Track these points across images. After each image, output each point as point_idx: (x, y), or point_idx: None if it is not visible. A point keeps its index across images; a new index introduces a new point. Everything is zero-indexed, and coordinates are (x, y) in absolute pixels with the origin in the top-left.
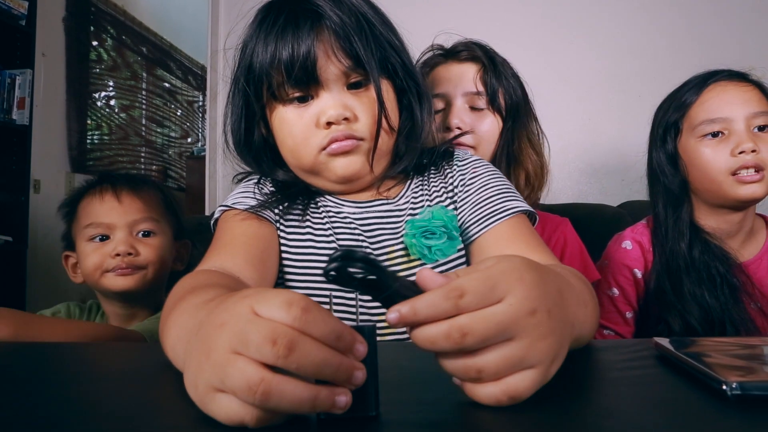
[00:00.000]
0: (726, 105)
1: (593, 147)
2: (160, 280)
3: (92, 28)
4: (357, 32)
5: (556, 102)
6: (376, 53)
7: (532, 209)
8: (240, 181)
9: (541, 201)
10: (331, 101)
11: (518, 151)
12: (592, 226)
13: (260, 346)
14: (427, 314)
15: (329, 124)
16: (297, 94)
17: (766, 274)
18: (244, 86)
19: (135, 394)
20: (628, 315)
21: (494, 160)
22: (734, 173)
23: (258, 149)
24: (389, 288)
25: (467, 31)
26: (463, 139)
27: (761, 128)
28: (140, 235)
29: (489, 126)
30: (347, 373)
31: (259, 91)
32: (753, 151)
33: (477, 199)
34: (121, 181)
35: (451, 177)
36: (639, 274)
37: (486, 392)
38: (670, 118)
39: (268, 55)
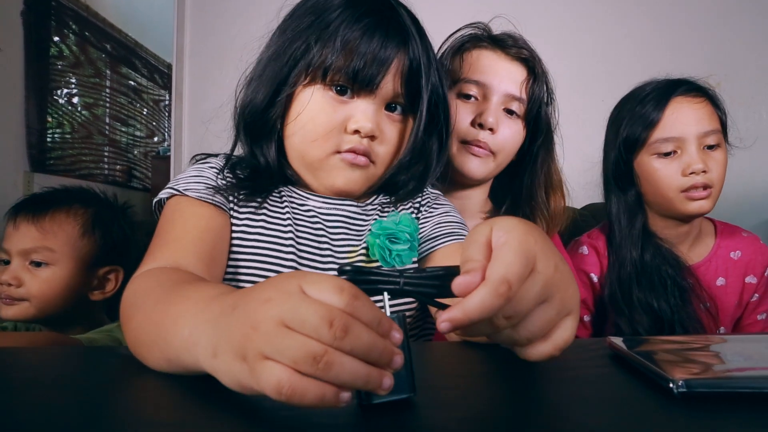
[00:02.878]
0: (680, 125)
1: (558, 151)
2: (53, 311)
3: (53, 23)
4: (425, 69)
5: None
6: (429, 90)
7: None
8: (197, 162)
9: None
10: (370, 113)
11: (555, 173)
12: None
13: (317, 327)
14: (480, 315)
15: (356, 132)
16: (344, 83)
17: (714, 276)
18: (303, 55)
19: (81, 400)
20: (586, 318)
21: (533, 184)
22: (685, 191)
23: (270, 125)
24: (398, 288)
25: (430, 33)
26: (489, 141)
27: (711, 146)
28: (32, 264)
29: (515, 135)
30: (389, 357)
31: (312, 66)
32: (703, 171)
33: (439, 221)
34: (28, 206)
35: (420, 198)
36: (595, 278)
37: (539, 352)
38: (635, 133)
39: (346, 44)
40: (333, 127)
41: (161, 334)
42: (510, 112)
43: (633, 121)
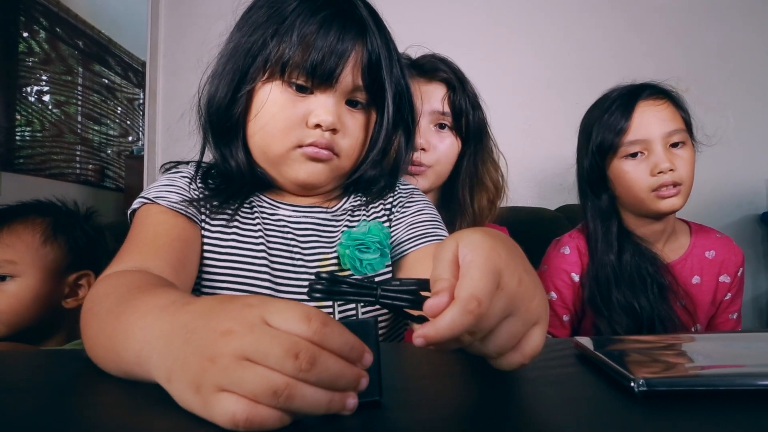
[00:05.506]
0: (645, 127)
1: (533, 152)
2: (25, 324)
3: (22, 18)
4: (386, 62)
5: (498, 108)
6: (393, 83)
7: None
8: (167, 170)
9: None
10: (330, 107)
11: (482, 174)
12: (531, 230)
13: (282, 359)
14: (452, 333)
15: (317, 126)
16: (303, 84)
17: (690, 275)
18: (261, 50)
19: (41, 404)
20: (565, 318)
21: (457, 184)
22: (655, 190)
23: (234, 123)
24: (374, 300)
25: (409, 34)
26: (423, 158)
27: (676, 144)
28: None
29: (449, 147)
30: (357, 382)
31: (269, 61)
32: (670, 169)
33: (412, 221)
34: None
35: (391, 197)
36: (576, 277)
37: (509, 362)
38: (607, 140)
39: (303, 38)
40: (294, 122)
41: (113, 347)
42: (441, 126)
43: (603, 129)
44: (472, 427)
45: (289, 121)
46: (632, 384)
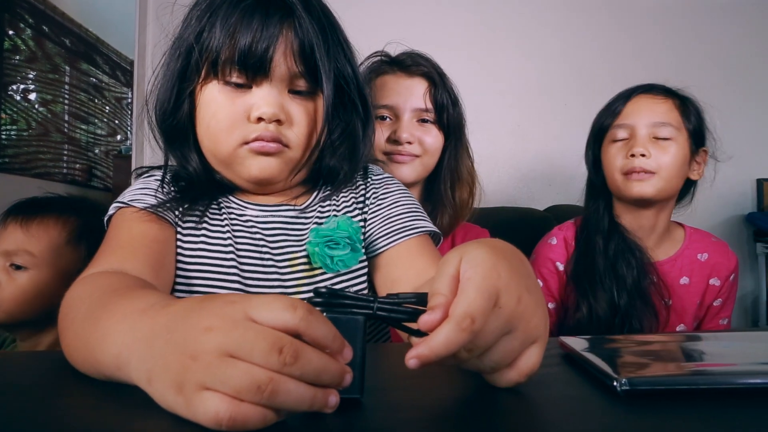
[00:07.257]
0: (634, 114)
1: (522, 153)
2: (25, 317)
3: (7, 16)
4: (320, 41)
5: (487, 109)
6: (332, 66)
7: (438, 230)
8: (140, 175)
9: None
10: (270, 98)
11: (461, 168)
12: (520, 230)
13: (266, 354)
14: (447, 351)
15: (260, 119)
16: (238, 80)
17: (678, 275)
18: (192, 48)
19: (23, 407)
20: (551, 306)
21: (438, 179)
22: (627, 173)
23: (182, 127)
24: (371, 313)
25: (398, 34)
26: (410, 148)
27: (664, 139)
28: (13, 267)
29: (434, 140)
30: (340, 378)
31: (200, 59)
32: (643, 155)
33: (388, 214)
34: (21, 208)
35: (363, 189)
36: (561, 266)
37: (505, 379)
38: (600, 121)
39: (227, 30)
40: (236, 119)
41: (91, 352)
42: (424, 121)
43: (602, 113)
44: (455, 428)
45: (231, 119)
46: (615, 383)
